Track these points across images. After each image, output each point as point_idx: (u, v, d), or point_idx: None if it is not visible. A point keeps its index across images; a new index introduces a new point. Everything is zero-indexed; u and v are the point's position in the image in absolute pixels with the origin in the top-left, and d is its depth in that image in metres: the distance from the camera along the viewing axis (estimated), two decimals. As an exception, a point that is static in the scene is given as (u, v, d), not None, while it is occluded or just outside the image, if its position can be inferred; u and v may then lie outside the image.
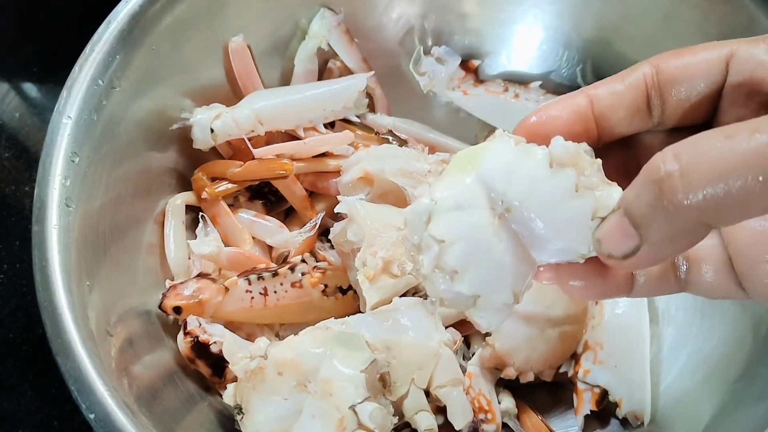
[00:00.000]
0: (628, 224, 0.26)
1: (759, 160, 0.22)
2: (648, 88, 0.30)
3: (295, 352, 0.48)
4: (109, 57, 0.54)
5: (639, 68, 0.30)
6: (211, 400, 0.55)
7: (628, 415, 0.56)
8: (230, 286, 0.56)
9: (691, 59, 0.29)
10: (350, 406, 0.45)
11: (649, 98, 0.30)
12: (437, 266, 0.31)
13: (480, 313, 0.32)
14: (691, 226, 0.24)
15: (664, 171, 0.23)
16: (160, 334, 0.56)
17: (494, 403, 0.55)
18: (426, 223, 0.31)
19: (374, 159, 0.58)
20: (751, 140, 0.22)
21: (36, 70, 0.83)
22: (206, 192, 0.61)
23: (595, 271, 0.30)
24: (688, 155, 0.23)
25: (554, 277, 0.31)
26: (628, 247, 0.26)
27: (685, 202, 0.23)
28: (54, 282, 0.46)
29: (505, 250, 0.30)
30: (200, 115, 0.61)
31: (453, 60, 0.71)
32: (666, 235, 0.25)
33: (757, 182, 0.22)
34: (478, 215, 0.30)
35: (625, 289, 0.31)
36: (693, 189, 0.23)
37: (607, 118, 0.31)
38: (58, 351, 0.45)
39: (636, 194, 0.25)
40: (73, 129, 0.51)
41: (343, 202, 0.55)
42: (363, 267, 0.52)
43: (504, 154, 0.30)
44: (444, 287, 0.32)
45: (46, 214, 0.48)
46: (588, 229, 0.28)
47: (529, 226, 0.30)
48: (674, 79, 0.29)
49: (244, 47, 0.63)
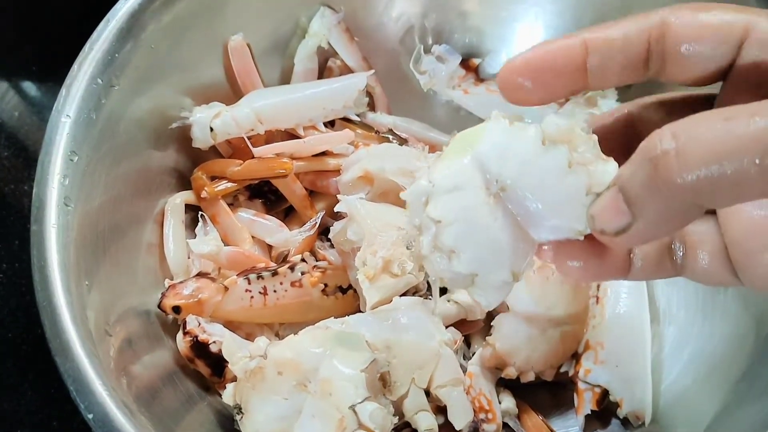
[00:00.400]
0: (622, 201, 0.26)
1: (756, 144, 0.22)
2: (651, 43, 0.29)
3: (294, 351, 0.48)
4: (108, 55, 0.54)
5: (644, 20, 0.29)
6: (211, 400, 0.55)
7: (629, 415, 0.55)
8: (230, 285, 0.56)
9: (704, 19, 0.28)
10: (350, 406, 0.45)
11: (650, 53, 0.29)
12: (435, 246, 0.32)
13: (478, 292, 0.32)
14: (684, 207, 0.24)
15: (660, 149, 0.23)
16: (160, 334, 0.55)
17: (495, 403, 0.55)
18: (425, 205, 0.31)
19: (374, 158, 0.57)
20: (750, 123, 0.22)
21: (35, 69, 0.83)
22: (206, 191, 0.60)
23: (593, 251, 0.30)
24: (686, 135, 0.23)
25: (553, 257, 0.31)
26: (621, 224, 0.26)
27: (679, 181, 0.23)
28: (53, 282, 0.46)
29: (501, 229, 0.30)
30: (199, 114, 0.61)
31: (453, 58, 0.71)
32: (659, 213, 0.24)
33: (753, 165, 0.22)
34: (473, 195, 0.30)
35: (623, 271, 0.31)
36: (688, 169, 0.22)
37: (599, 68, 0.30)
38: (56, 351, 0.44)
39: (632, 172, 0.25)
40: (72, 128, 0.51)
41: (343, 201, 0.55)
42: (363, 266, 0.52)
43: (498, 134, 0.30)
44: (442, 267, 0.32)
45: (44, 214, 0.48)
46: (582, 205, 0.28)
47: (524, 204, 0.29)
48: (682, 39, 0.28)
49: (244, 46, 0.63)
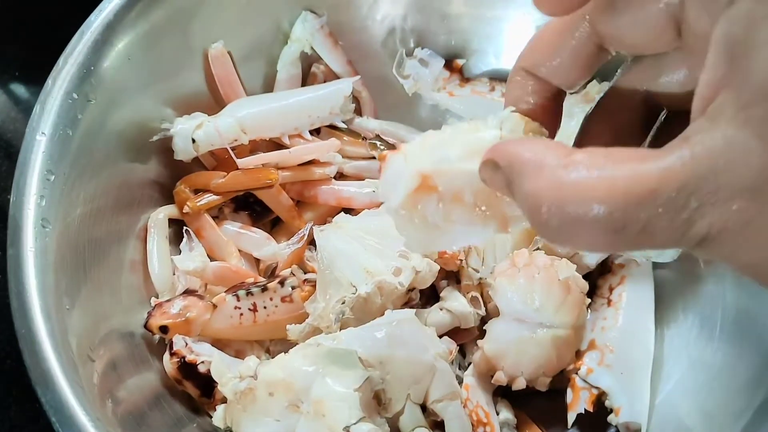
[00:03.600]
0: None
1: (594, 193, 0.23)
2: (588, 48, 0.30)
3: (286, 371, 0.47)
4: (83, 69, 0.52)
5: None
6: (200, 422, 0.53)
7: (622, 426, 0.54)
8: (218, 303, 0.54)
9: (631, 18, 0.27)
10: (345, 427, 0.44)
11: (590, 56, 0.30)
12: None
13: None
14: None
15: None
16: (146, 356, 0.54)
17: (492, 415, 0.54)
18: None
19: (424, 152, 0.49)
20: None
21: (21, 72, 0.82)
22: (188, 206, 0.59)
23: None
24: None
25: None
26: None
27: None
28: (31, 308, 0.45)
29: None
30: (181, 126, 0.59)
31: (436, 62, 0.70)
32: None
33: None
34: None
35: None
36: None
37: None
38: (37, 381, 0.43)
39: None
40: (47, 146, 0.50)
41: (317, 236, 0.54)
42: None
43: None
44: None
45: (21, 236, 0.47)
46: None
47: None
48: (613, 42, 0.29)
49: (225, 53, 0.62)
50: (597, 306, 0.59)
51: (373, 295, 0.52)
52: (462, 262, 0.57)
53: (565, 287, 0.54)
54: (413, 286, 0.55)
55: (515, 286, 0.53)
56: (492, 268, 0.56)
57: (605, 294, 0.59)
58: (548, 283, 0.54)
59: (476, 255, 0.57)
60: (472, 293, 0.57)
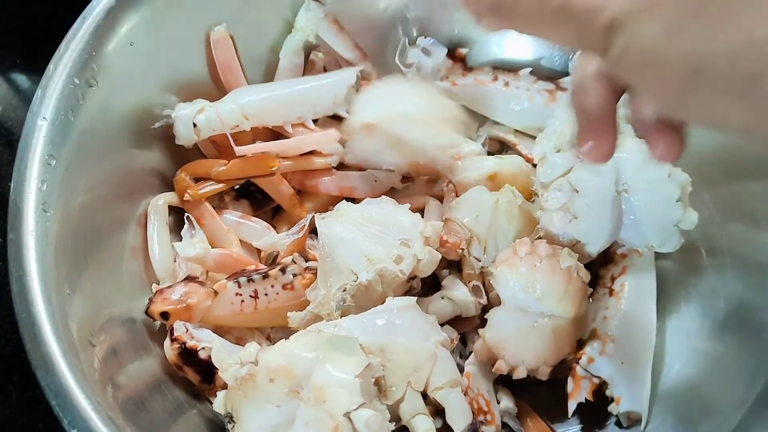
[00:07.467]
0: None
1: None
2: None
3: (286, 357, 0.47)
4: (85, 54, 0.52)
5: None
6: (201, 408, 0.53)
7: (623, 415, 0.54)
8: (219, 289, 0.54)
9: None
10: (345, 413, 0.44)
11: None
12: (564, 207, 0.52)
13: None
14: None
15: None
16: (146, 342, 0.54)
17: (493, 404, 0.54)
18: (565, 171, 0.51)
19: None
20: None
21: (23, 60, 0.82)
22: (189, 194, 0.59)
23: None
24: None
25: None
26: None
27: None
28: (32, 292, 0.45)
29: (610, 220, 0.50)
30: (182, 110, 0.59)
31: (438, 51, 0.70)
32: None
33: None
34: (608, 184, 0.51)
35: None
36: None
37: None
38: (37, 364, 0.43)
39: None
40: (48, 131, 0.50)
41: (320, 223, 0.54)
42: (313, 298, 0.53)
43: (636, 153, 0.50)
44: (559, 224, 0.53)
45: (21, 221, 0.47)
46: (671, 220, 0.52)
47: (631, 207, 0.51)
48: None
49: (227, 37, 0.61)
50: (599, 295, 0.58)
51: (374, 282, 0.52)
52: (464, 251, 0.57)
53: (567, 276, 0.53)
54: (414, 275, 0.54)
55: (517, 275, 0.53)
56: (494, 257, 0.56)
57: (607, 283, 0.59)
58: (550, 272, 0.53)
59: (478, 244, 0.57)
60: (474, 282, 0.57)
